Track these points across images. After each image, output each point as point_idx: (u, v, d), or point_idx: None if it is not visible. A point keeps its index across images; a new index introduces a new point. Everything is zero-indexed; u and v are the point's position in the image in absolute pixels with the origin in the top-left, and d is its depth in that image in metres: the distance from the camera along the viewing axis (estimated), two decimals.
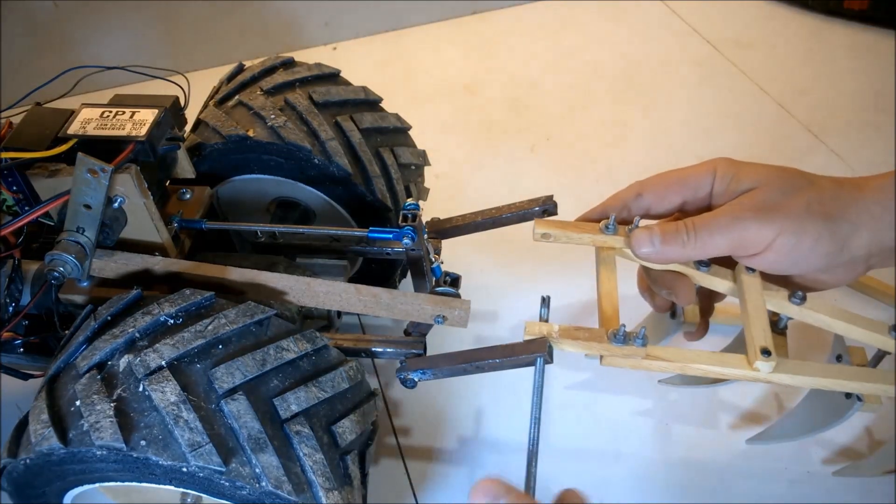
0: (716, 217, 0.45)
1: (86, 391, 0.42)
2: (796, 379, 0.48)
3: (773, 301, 0.49)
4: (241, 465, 0.41)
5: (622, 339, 0.46)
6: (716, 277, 0.49)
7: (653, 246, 0.46)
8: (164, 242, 0.55)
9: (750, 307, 0.47)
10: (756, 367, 0.46)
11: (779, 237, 0.43)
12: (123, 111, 0.52)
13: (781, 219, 0.43)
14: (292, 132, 0.60)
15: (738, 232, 0.44)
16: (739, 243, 0.44)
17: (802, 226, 0.43)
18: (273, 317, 0.48)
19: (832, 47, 1.13)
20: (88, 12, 1.05)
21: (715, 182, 0.47)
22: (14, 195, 0.51)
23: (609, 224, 0.49)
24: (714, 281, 0.49)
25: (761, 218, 0.43)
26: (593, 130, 1.01)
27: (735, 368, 0.47)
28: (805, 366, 0.48)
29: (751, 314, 0.47)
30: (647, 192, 0.49)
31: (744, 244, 0.44)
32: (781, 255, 0.44)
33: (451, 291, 0.54)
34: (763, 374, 0.47)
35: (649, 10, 1.23)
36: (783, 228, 0.43)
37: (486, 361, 0.48)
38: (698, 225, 0.45)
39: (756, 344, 0.46)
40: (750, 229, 0.43)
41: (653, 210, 0.50)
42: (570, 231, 0.50)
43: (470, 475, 0.64)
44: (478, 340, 0.74)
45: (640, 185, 0.50)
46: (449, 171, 0.93)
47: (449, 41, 1.20)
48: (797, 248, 0.43)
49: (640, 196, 0.49)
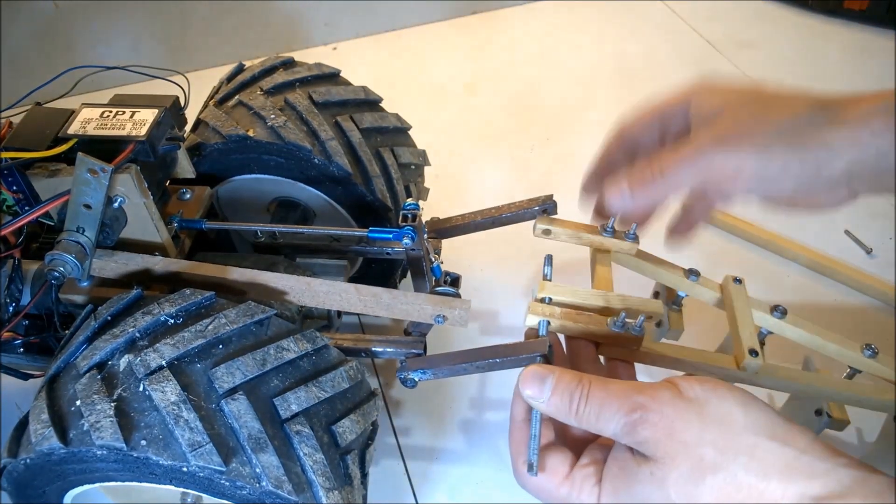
0: (680, 152, 0.43)
1: (86, 391, 0.42)
2: (779, 382, 0.49)
3: (756, 314, 0.50)
4: (241, 464, 0.41)
5: (621, 325, 0.47)
6: (704, 288, 0.51)
7: (624, 198, 0.45)
8: (164, 242, 0.55)
9: (738, 313, 0.50)
10: (744, 367, 0.48)
11: (745, 165, 0.41)
12: (123, 111, 0.52)
13: (746, 146, 0.41)
14: (292, 132, 0.60)
15: (705, 163, 0.42)
16: (707, 175, 0.42)
17: (769, 153, 0.41)
18: (273, 317, 0.48)
19: (832, 47, 1.13)
20: (88, 12, 1.06)
21: (691, 108, 0.46)
22: (14, 195, 0.51)
23: (608, 227, 0.49)
24: (702, 291, 0.51)
25: (724, 147, 0.41)
26: (593, 130, 1.00)
27: (723, 367, 0.48)
28: (787, 370, 0.50)
29: (739, 319, 0.49)
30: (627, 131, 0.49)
31: (711, 175, 0.42)
32: (749, 182, 0.42)
33: (451, 291, 0.54)
34: (750, 372, 0.48)
35: (649, 10, 1.23)
36: (749, 156, 0.41)
37: (487, 361, 0.48)
38: (664, 163, 0.43)
39: (745, 344, 0.48)
40: (714, 160, 0.42)
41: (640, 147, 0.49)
42: (571, 229, 0.50)
43: (470, 475, 0.64)
44: (478, 340, 0.75)
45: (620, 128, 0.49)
46: (449, 171, 0.93)
47: (449, 41, 1.20)
48: (765, 176, 0.41)
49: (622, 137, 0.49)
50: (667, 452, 0.35)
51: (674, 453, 0.35)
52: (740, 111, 0.43)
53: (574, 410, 0.38)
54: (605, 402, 0.37)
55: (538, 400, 0.39)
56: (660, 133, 0.48)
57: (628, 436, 0.36)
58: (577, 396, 0.38)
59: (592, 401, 0.37)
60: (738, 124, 0.42)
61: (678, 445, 0.35)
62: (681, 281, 0.50)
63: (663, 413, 0.35)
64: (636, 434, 0.36)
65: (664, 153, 0.44)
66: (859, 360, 0.50)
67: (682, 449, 0.35)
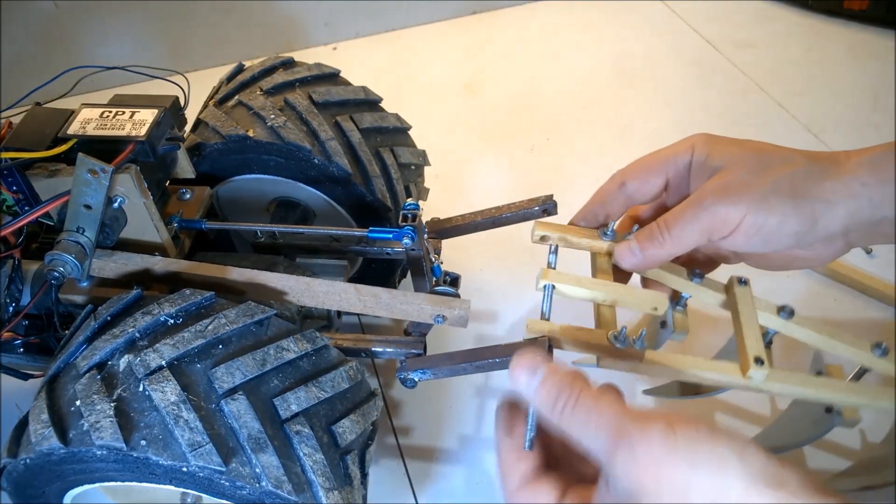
0: (683, 209, 0.45)
1: (86, 391, 0.42)
2: (786, 388, 0.48)
3: (762, 315, 0.49)
4: (241, 464, 0.41)
5: (623, 340, 0.46)
6: (709, 290, 0.50)
7: (634, 255, 0.47)
8: (164, 242, 0.55)
9: (743, 318, 0.49)
10: (749, 376, 0.47)
11: (746, 217, 0.43)
12: (123, 111, 0.52)
13: (746, 199, 0.43)
14: (292, 132, 0.60)
15: (707, 217, 0.44)
16: (710, 228, 0.44)
17: (767, 204, 0.43)
18: (273, 317, 0.48)
19: (832, 47, 1.13)
20: (88, 12, 1.05)
21: (692, 162, 0.47)
22: (14, 195, 0.51)
23: (607, 231, 0.49)
24: (707, 293, 0.50)
25: (726, 200, 0.43)
26: (593, 130, 1.01)
27: (729, 375, 0.48)
28: (795, 376, 0.49)
29: (744, 324, 0.48)
30: (629, 179, 0.49)
31: (714, 228, 0.44)
32: (750, 234, 0.43)
33: (450, 291, 0.54)
34: (755, 382, 0.47)
35: (649, 10, 1.23)
36: (749, 209, 0.43)
37: (486, 361, 0.48)
38: (669, 221, 0.45)
39: (750, 353, 0.47)
40: (717, 213, 0.43)
41: (637, 196, 0.50)
42: (570, 235, 0.50)
43: (470, 475, 0.64)
44: (478, 340, 0.75)
45: (621, 174, 0.50)
46: (449, 172, 0.93)
47: (449, 41, 1.20)
48: (765, 227, 0.43)
49: (624, 185, 0.49)
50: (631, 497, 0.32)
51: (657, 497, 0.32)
52: (740, 166, 0.44)
53: (559, 410, 0.36)
54: (594, 414, 0.35)
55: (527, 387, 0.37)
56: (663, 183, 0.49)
57: (608, 462, 0.33)
58: (565, 398, 0.36)
59: (580, 409, 0.35)
60: (738, 178, 0.44)
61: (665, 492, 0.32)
62: (685, 283, 0.50)
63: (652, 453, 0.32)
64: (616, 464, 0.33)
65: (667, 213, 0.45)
66: (869, 360, 0.49)
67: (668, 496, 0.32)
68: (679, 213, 0.45)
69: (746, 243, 0.44)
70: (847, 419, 0.52)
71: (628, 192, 0.49)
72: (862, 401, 0.49)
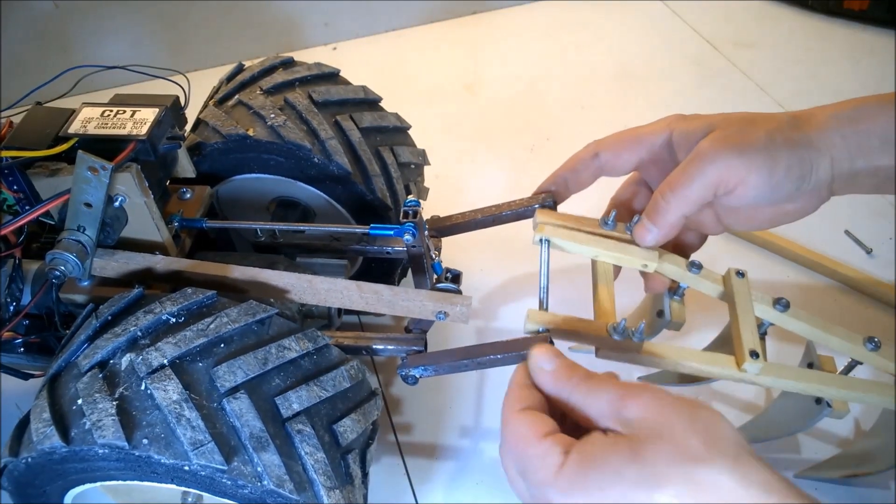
0: (685, 167, 0.45)
1: (87, 390, 0.42)
2: (780, 382, 0.49)
3: (758, 307, 0.50)
4: (242, 463, 0.41)
5: (622, 332, 0.46)
6: (707, 281, 0.50)
7: (650, 231, 0.47)
8: (165, 241, 0.55)
9: (739, 311, 0.49)
10: (744, 369, 0.47)
11: (752, 168, 0.43)
12: (124, 110, 0.52)
13: (749, 150, 0.43)
14: (292, 131, 0.60)
15: (713, 171, 0.43)
16: (717, 182, 0.44)
17: (772, 154, 0.43)
18: (275, 316, 0.48)
19: (832, 47, 1.13)
20: (88, 12, 1.05)
21: (673, 138, 0.47)
22: (15, 194, 0.51)
23: (608, 221, 0.49)
24: (705, 284, 0.50)
25: (728, 153, 0.43)
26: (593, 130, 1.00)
27: (724, 368, 0.48)
28: (789, 370, 0.49)
29: (740, 317, 0.49)
30: (603, 150, 0.50)
31: (721, 182, 0.44)
32: (759, 185, 0.44)
33: (452, 288, 0.54)
34: (750, 375, 0.48)
35: (649, 10, 1.23)
36: (753, 159, 0.43)
37: (487, 357, 0.48)
38: (672, 182, 0.45)
39: (745, 346, 0.47)
40: (720, 166, 0.43)
41: (608, 168, 0.51)
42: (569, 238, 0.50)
43: (470, 474, 0.64)
44: (478, 337, 0.75)
45: (596, 145, 0.51)
46: (449, 171, 0.93)
47: (449, 41, 1.20)
48: (772, 177, 0.43)
49: (597, 155, 0.50)
50: (653, 431, 0.34)
51: (659, 433, 0.34)
52: (731, 123, 0.45)
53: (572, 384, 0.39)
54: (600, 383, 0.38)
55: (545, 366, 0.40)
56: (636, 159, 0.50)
57: (615, 413, 0.36)
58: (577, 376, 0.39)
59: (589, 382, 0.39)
60: (735, 131, 0.44)
61: (665, 428, 0.34)
62: (683, 273, 0.50)
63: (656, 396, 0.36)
64: (625, 410, 0.36)
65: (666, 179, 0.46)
66: (861, 353, 0.50)
67: (668, 432, 0.34)
68: (681, 172, 0.45)
69: (752, 194, 0.44)
70: (836, 411, 0.52)
71: (600, 161, 0.50)
72: (854, 395, 0.49)
